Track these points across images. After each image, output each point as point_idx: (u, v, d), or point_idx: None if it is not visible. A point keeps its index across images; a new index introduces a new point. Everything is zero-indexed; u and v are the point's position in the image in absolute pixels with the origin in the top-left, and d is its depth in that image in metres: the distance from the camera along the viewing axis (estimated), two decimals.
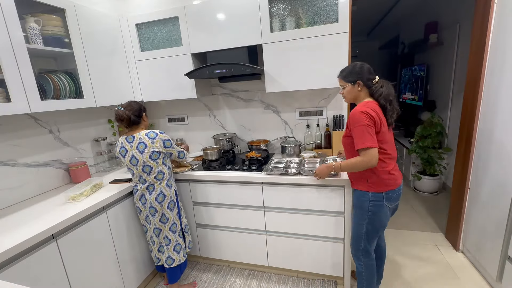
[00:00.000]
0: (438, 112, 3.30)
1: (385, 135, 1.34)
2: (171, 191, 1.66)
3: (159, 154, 1.56)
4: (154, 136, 1.54)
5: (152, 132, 1.55)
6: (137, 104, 1.59)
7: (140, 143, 1.52)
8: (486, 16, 1.67)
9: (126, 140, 1.55)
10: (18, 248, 1.11)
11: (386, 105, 1.34)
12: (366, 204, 1.39)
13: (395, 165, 1.40)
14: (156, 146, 1.54)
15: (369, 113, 1.27)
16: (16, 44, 1.31)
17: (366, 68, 1.37)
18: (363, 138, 1.26)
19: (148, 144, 1.52)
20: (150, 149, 1.53)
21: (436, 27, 3.31)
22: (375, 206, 1.37)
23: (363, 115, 1.27)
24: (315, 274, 1.88)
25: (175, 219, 1.70)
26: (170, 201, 1.65)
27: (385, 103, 1.34)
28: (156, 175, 1.59)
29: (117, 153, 1.59)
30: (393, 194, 1.37)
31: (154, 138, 1.54)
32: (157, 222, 1.65)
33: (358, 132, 1.28)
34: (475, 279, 1.81)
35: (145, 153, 1.52)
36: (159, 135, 1.56)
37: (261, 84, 2.14)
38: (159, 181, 1.61)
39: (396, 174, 1.38)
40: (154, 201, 1.60)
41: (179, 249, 1.74)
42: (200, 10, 1.86)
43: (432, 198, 3.07)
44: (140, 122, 1.61)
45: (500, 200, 1.59)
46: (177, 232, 1.72)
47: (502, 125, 1.59)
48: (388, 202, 1.37)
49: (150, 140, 1.53)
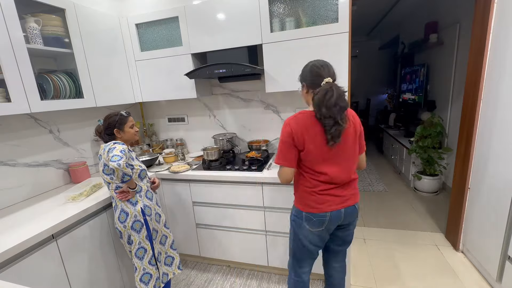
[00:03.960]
0: (438, 112, 3.30)
1: (312, 154, 1.15)
2: (135, 209, 1.40)
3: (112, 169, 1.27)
4: (110, 147, 1.34)
5: (112, 142, 1.37)
6: (112, 118, 1.42)
7: (100, 154, 1.38)
8: (486, 16, 1.67)
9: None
10: (18, 248, 1.11)
11: (320, 117, 1.10)
12: (290, 218, 1.33)
13: (329, 189, 1.18)
14: (106, 160, 1.31)
15: (289, 125, 1.15)
16: (16, 44, 1.31)
17: (310, 68, 1.18)
18: (277, 154, 1.20)
19: (103, 156, 1.34)
20: (103, 162, 1.35)
21: (436, 27, 3.31)
22: (295, 222, 1.27)
23: (284, 126, 1.18)
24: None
25: (143, 243, 1.43)
26: (134, 221, 1.39)
27: (318, 114, 1.10)
28: (116, 189, 1.40)
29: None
30: (313, 217, 1.19)
31: (108, 150, 1.32)
32: (126, 245, 1.44)
33: (278, 144, 1.20)
34: (475, 279, 1.81)
35: (100, 167, 1.38)
36: (110, 145, 1.34)
37: (261, 84, 2.14)
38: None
39: (322, 198, 1.18)
40: (117, 221, 1.41)
41: (147, 280, 1.45)
42: (200, 10, 1.86)
43: (432, 198, 3.07)
44: (115, 137, 1.44)
45: (500, 200, 1.59)
46: (145, 259, 1.44)
47: (502, 125, 1.59)
48: (308, 224, 1.21)
49: (105, 151, 1.33)
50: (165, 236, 1.59)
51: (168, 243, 1.61)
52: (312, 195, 1.20)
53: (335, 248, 1.38)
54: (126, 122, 1.44)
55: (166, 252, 1.59)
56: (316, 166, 1.17)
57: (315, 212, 1.19)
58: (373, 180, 3.74)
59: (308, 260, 1.35)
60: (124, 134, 1.44)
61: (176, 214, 2.05)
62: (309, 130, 1.14)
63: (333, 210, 1.19)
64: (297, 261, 1.35)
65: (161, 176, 1.95)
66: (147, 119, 2.65)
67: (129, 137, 1.47)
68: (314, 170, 1.18)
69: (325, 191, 1.19)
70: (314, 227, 1.22)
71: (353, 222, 1.29)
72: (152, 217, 1.47)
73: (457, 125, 2.32)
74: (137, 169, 1.45)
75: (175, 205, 2.03)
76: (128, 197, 1.39)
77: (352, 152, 1.21)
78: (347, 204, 1.22)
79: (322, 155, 1.16)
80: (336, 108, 1.07)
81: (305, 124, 1.14)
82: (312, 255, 1.32)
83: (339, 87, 1.10)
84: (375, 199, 3.13)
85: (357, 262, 2.05)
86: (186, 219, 2.03)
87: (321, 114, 1.10)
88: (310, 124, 1.14)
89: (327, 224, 1.21)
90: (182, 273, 2.08)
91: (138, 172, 1.46)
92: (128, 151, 1.41)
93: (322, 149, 1.14)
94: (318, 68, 1.15)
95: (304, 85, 1.22)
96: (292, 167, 1.19)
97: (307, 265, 1.36)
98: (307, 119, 1.15)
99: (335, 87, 1.08)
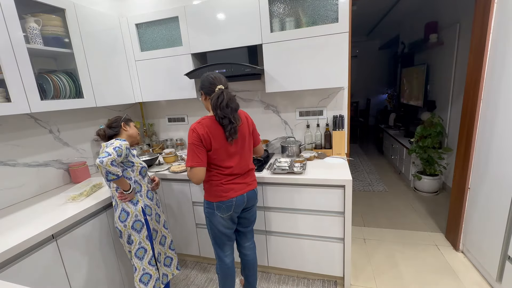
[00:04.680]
0: (438, 112, 3.30)
1: (218, 152, 1.34)
2: (136, 208, 1.41)
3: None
4: (111, 142, 1.35)
5: (114, 139, 1.38)
6: (118, 117, 1.48)
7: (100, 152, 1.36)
8: (486, 16, 1.67)
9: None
10: (18, 248, 1.11)
11: (218, 119, 1.30)
12: (204, 211, 1.50)
13: (233, 179, 1.41)
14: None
15: (196, 129, 1.30)
16: (16, 44, 1.31)
17: (208, 79, 1.34)
18: (188, 157, 1.31)
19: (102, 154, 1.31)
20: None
21: (436, 27, 3.31)
22: (208, 213, 1.46)
23: (190, 132, 1.31)
24: (315, 274, 1.88)
25: (144, 243, 1.43)
26: (135, 221, 1.40)
27: (217, 116, 1.30)
28: (117, 189, 1.40)
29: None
30: (223, 204, 1.40)
31: (106, 147, 1.33)
32: (125, 244, 1.45)
33: (187, 150, 1.33)
34: (475, 279, 1.81)
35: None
36: (111, 142, 1.35)
37: (261, 84, 2.14)
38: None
39: (228, 187, 1.39)
40: (117, 220, 1.41)
41: (147, 281, 1.45)
42: (200, 10, 1.86)
43: (432, 198, 3.07)
44: (120, 133, 1.46)
45: (500, 200, 1.59)
46: (145, 259, 1.44)
47: (502, 125, 1.59)
48: (219, 212, 1.42)
49: (104, 149, 1.33)
50: (165, 236, 1.59)
51: (167, 243, 1.61)
52: (219, 186, 1.39)
53: (243, 230, 1.61)
54: (132, 121, 1.55)
55: (165, 253, 1.59)
56: (222, 162, 1.37)
57: (223, 200, 1.40)
58: (373, 180, 3.74)
59: (227, 243, 1.55)
60: (130, 128, 1.51)
61: (176, 214, 2.05)
62: (212, 132, 1.31)
63: (237, 196, 1.42)
64: (218, 247, 1.54)
65: (161, 176, 1.95)
66: (147, 119, 2.65)
67: (134, 134, 1.53)
68: (221, 166, 1.38)
69: (230, 181, 1.40)
70: (224, 212, 1.42)
71: (255, 204, 1.56)
72: (152, 217, 1.47)
73: (457, 125, 2.32)
74: (138, 166, 1.45)
75: (175, 205, 2.03)
76: (127, 198, 1.40)
77: (248, 147, 1.47)
78: (248, 189, 1.46)
79: (226, 151, 1.36)
80: (228, 109, 1.28)
81: (209, 127, 1.31)
82: (228, 237, 1.53)
83: (229, 92, 1.33)
84: (375, 199, 3.13)
85: (357, 262, 2.05)
86: (186, 219, 2.03)
87: (218, 116, 1.29)
88: (212, 127, 1.32)
89: (234, 208, 1.43)
90: (182, 273, 2.08)
91: (139, 169, 1.46)
92: (128, 148, 1.40)
93: (225, 146, 1.35)
94: (212, 78, 1.34)
95: (202, 93, 1.39)
96: (204, 166, 1.32)
97: (228, 248, 1.56)
98: (210, 123, 1.32)
99: (226, 92, 1.29)
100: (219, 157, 1.36)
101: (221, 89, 1.30)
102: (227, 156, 1.38)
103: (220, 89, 1.30)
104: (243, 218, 1.55)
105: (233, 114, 1.31)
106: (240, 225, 1.59)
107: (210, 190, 1.43)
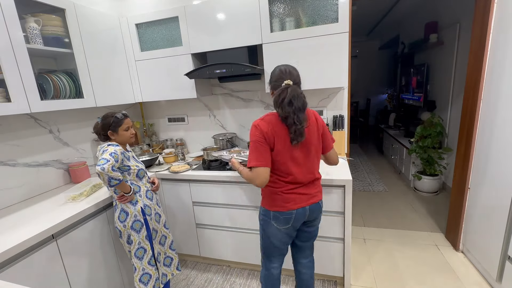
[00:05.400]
0: (438, 112, 3.30)
1: (280, 154, 1.19)
2: (135, 208, 1.41)
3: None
4: (104, 149, 1.34)
5: (106, 144, 1.37)
6: (108, 119, 1.40)
7: (97, 155, 1.37)
8: (486, 16, 1.67)
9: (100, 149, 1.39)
10: (18, 248, 1.11)
11: (283, 118, 1.16)
12: (259, 217, 1.38)
13: (295, 188, 1.24)
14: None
15: (259, 126, 1.18)
16: (16, 44, 1.31)
17: (277, 72, 1.22)
18: (250, 156, 1.19)
19: (98, 156, 1.33)
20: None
21: (436, 27, 3.31)
22: (263, 222, 1.33)
23: (253, 128, 1.20)
24: (315, 274, 1.88)
25: (143, 243, 1.43)
26: (134, 221, 1.40)
27: (282, 114, 1.15)
28: (115, 191, 1.39)
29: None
30: (281, 215, 1.25)
31: (102, 152, 1.33)
32: (125, 244, 1.45)
33: (250, 149, 1.21)
34: (475, 279, 1.81)
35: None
36: (104, 147, 1.35)
37: (261, 84, 2.14)
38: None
39: (288, 197, 1.23)
40: (117, 220, 1.41)
41: (147, 281, 1.45)
42: (200, 10, 1.86)
43: (432, 198, 3.07)
44: (109, 139, 1.43)
45: (500, 200, 1.59)
46: (145, 259, 1.44)
47: (502, 125, 1.59)
48: (276, 223, 1.28)
49: (99, 153, 1.34)
50: (165, 236, 1.59)
51: (167, 243, 1.61)
52: (278, 195, 1.25)
53: (302, 244, 1.44)
54: (121, 124, 1.41)
55: (165, 253, 1.59)
56: (283, 167, 1.22)
57: (282, 210, 1.25)
58: (373, 180, 3.74)
59: (277, 256, 1.41)
60: (118, 136, 1.42)
61: (176, 214, 2.05)
62: (276, 130, 1.17)
63: (298, 208, 1.25)
64: (267, 257, 1.42)
65: (161, 176, 1.95)
66: (147, 119, 2.65)
67: (124, 140, 1.45)
68: (282, 171, 1.23)
69: (291, 190, 1.24)
70: (281, 224, 1.28)
71: (318, 218, 1.36)
72: (152, 217, 1.47)
73: (457, 125, 2.32)
74: (134, 170, 1.44)
75: (175, 205, 2.03)
76: (127, 199, 1.39)
77: (315, 152, 1.27)
78: (312, 201, 1.28)
79: (289, 155, 1.20)
80: (291, 107, 1.11)
81: (273, 124, 1.18)
82: (280, 251, 1.39)
83: (297, 88, 1.15)
84: (375, 199, 3.13)
85: (357, 262, 2.05)
86: (186, 219, 2.03)
87: (279, 114, 1.16)
88: (277, 125, 1.18)
89: (293, 222, 1.27)
90: (182, 273, 2.08)
91: (136, 172, 1.45)
92: (123, 152, 1.39)
93: (288, 149, 1.19)
94: (281, 71, 1.21)
95: (270, 87, 1.29)
96: (268, 167, 1.18)
97: (277, 260, 1.42)
98: (274, 120, 1.19)
99: (292, 88, 1.13)
100: (281, 161, 1.20)
101: (287, 85, 1.15)
102: (290, 160, 1.21)
103: (286, 85, 1.15)
104: (303, 231, 1.37)
105: (297, 113, 1.12)
106: (298, 239, 1.41)
107: (268, 197, 1.29)
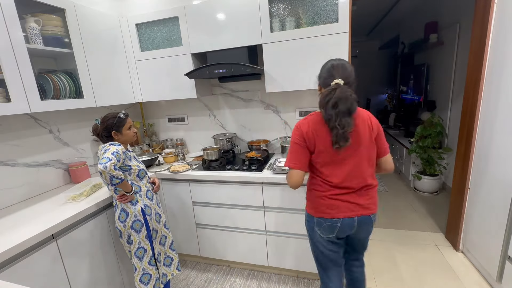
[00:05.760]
0: (438, 112, 3.30)
1: (322, 156, 1.12)
2: (135, 208, 1.41)
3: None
4: (106, 148, 1.34)
5: (108, 144, 1.37)
6: (110, 120, 1.40)
7: (98, 155, 1.38)
8: (486, 16, 1.67)
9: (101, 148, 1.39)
10: (18, 248, 1.11)
11: (326, 119, 1.07)
12: (304, 223, 1.31)
13: (340, 194, 1.15)
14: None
15: (299, 127, 1.13)
16: (16, 44, 1.31)
17: (328, 66, 1.12)
18: (287, 157, 1.16)
19: (100, 156, 1.34)
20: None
21: (436, 27, 3.31)
22: (309, 228, 1.26)
23: (294, 129, 1.16)
24: (315, 274, 1.88)
25: (143, 243, 1.43)
26: (134, 221, 1.40)
27: (325, 116, 1.07)
28: (115, 190, 1.39)
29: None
30: (324, 222, 1.16)
31: (103, 152, 1.33)
32: (125, 244, 1.45)
33: (289, 148, 1.18)
34: (475, 279, 1.81)
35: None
36: (106, 147, 1.35)
37: (261, 84, 2.14)
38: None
39: (332, 202, 1.14)
40: (117, 220, 1.41)
41: (147, 281, 1.45)
42: (200, 10, 1.86)
43: (432, 198, 3.07)
44: (112, 140, 1.42)
45: (500, 200, 1.59)
46: (145, 259, 1.44)
47: (502, 125, 1.59)
48: (319, 230, 1.19)
49: (101, 153, 1.35)
50: (165, 236, 1.59)
51: (167, 243, 1.61)
52: (322, 200, 1.16)
53: (350, 250, 1.37)
54: (124, 124, 1.43)
55: (165, 253, 1.59)
56: (325, 168, 1.14)
57: (326, 217, 1.16)
58: None
59: (332, 268, 1.28)
60: (122, 136, 1.43)
61: (176, 214, 2.05)
62: (318, 132, 1.10)
63: (345, 217, 1.14)
64: (323, 269, 1.31)
65: (161, 176, 1.95)
66: (147, 119, 2.65)
67: (127, 139, 1.46)
68: (324, 173, 1.15)
69: (335, 195, 1.15)
70: (325, 232, 1.18)
71: (367, 236, 1.26)
72: (152, 217, 1.47)
73: (457, 125, 2.32)
74: (135, 169, 1.44)
75: (175, 205, 2.03)
76: (128, 199, 1.40)
77: (367, 156, 1.15)
78: (361, 213, 1.16)
79: (332, 157, 1.12)
80: (335, 110, 1.02)
81: (315, 125, 1.11)
82: (334, 262, 1.27)
83: (347, 90, 1.03)
84: None
85: None
86: (186, 219, 2.03)
87: (322, 116, 1.09)
88: (319, 125, 1.11)
89: (338, 231, 1.16)
90: (182, 273, 2.08)
91: (137, 172, 1.45)
92: (124, 152, 1.39)
93: (331, 151, 1.11)
94: (333, 67, 1.10)
95: (318, 83, 1.18)
96: (302, 170, 1.14)
97: (333, 273, 1.29)
98: (317, 120, 1.12)
99: (341, 89, 1.03)
100: (323, 162, 1.13)
101: (337, 85, 1.05)
102: (333, 162, 1.12)
103: (336, 84, 1.05)
104: (353, 238, 1.26)
105: (341, 117, 1.02)
106: (349, 246, 1.35)
107: (311, 200, 1.22)
